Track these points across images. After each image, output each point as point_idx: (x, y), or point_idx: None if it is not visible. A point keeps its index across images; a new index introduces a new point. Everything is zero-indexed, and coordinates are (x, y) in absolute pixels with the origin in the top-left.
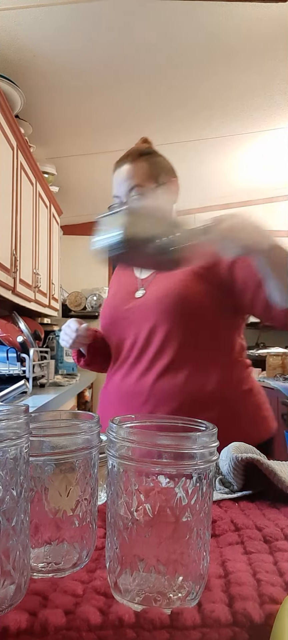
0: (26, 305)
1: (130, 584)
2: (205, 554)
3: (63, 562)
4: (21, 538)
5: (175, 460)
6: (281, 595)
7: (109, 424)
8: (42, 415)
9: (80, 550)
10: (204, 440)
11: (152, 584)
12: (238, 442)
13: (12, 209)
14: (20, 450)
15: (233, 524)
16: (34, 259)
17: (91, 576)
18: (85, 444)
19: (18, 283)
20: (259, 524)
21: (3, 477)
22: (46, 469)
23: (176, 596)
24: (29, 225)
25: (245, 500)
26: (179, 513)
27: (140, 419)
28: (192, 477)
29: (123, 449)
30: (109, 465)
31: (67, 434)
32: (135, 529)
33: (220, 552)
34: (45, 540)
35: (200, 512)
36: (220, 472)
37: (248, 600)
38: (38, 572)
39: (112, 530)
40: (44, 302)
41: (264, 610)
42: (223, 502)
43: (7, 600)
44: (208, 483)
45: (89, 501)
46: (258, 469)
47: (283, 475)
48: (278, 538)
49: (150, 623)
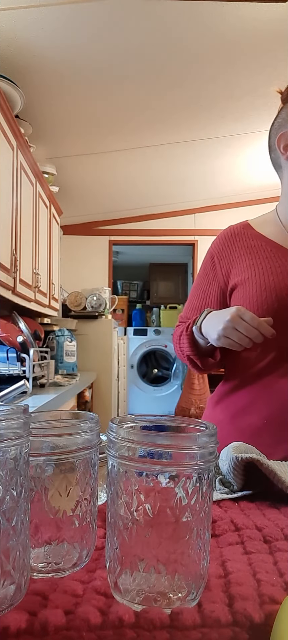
0: (26, 305)
1: (130, 584)
2: (205, 554)
3: (63, 562)
4: (21, 538)
5: (175, 460)
6: (281, 595)
7: (109, 424)
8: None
9: (80, 550)
10: (204, 440)
11: (152, 584)
12: (238, 442)
13: (12, 209)
14: (20, 450)
15: (233, 524)
16: (34, 259)
17: (91, 576)
18: (85, 444)
19: (18, 283)
20: (259, 524)
21: (3, 477)
22: (46, 469)
23: (176, 596)
24: (29, 225)
25: (245, 500)
26: (179, 513)
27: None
28: (192, 477)
29: (123, 449)
30: (109, 465)
31: (67, 434)
32: (135, 529)
33: (220, 552)
34: (45, 540)
35: (200, 512)
36: (220, 472)
37: (248, 600)
38: (38, 572)
39: (112, 530)
40: (44, 302)
41: (264, 610)
42: (223, 502)
43: (7, 600)
44: (208, 483)
45: (89, 501)
46: (258, 469)
47: (283, 475)
48: (278, 538)
49: (150, 623)
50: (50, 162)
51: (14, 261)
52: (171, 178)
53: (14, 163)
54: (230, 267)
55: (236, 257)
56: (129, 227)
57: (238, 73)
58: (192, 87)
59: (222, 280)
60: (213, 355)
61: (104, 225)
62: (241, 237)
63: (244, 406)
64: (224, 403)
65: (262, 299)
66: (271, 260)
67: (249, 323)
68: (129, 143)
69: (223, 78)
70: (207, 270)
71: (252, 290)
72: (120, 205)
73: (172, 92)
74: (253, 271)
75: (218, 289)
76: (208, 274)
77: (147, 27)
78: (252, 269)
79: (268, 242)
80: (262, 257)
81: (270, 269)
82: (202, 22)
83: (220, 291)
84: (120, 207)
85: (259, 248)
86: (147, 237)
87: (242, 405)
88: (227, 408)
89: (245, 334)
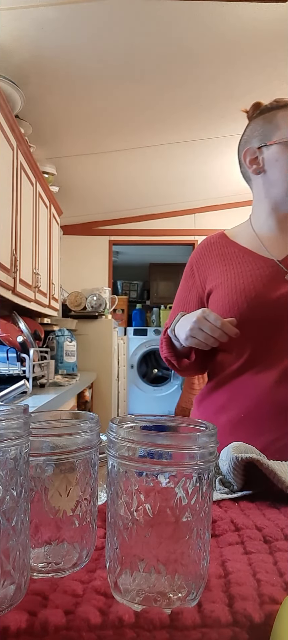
0: (26, 305)
1: (130, 584)
2: (205, 554)
3: (63, 562)
4: (21, 538)
5: (175, 460)
6: (281, 595)
7: (109, 424)
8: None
9: (80, 550)
10: (204, 440)
11: (152, 584)
12: (238, 442)
13: (12, 209)
14: (20, 450)
15: (233, 524)
16: (34, 259)
17: (91, 576)
18: (85, 444)
19: (18, 283)
20: (259, 524)
21: (3, 477)
22: (46, 469)
23: (176, 596)
24: (29, 225)
25: (245, 500)
26: (179, 513)
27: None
28: (192, 477)
29: (123, 449)
30: (109, 465)
31: (67, 434)
32: (135, 529)
33: (220, 552)
34: (45, 540)
35: (200, 512)
36: (220, 472)
37: (248, 600)
38: (38, 572)
39: (112, 530)
40: (44, 302)
41: (264, 610)
42: (223, 502)
43: (7, 600)
44: (208, 483)
45: (89, 501)
46: (258, 469)
47: (283, 475)
48: (278, 538)
49: (150, 623)
50: (50, 162)
51: (14, 261)
52: (171, 178)
53: (14, 163)
54: (207, 274)
55: (212, 264)
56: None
57: (238, 73)
58: (192, 87)
59: (200, 287)
60: (189, 357)
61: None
62: (216, 246)
63: (223, 404)
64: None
65: (233, 301)
66: (242, 266)
67: (213, 323)
68: (129, 143)
69: (223, 78)
70: (187, 278)
71: (224, 293)
72: (120, 205)
73: (172, 92)
74: (226, 276)
75: (197, 295)
76: (188, 282)
77: (147, 27)
78: (225, 274)
79: (241, 249)
80: (234, 263)
81: (241, 273)
82: (202, 22)
83: (199, 297)
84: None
85: (232, 255)
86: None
87: (221, 403)
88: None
89: (210, 333)
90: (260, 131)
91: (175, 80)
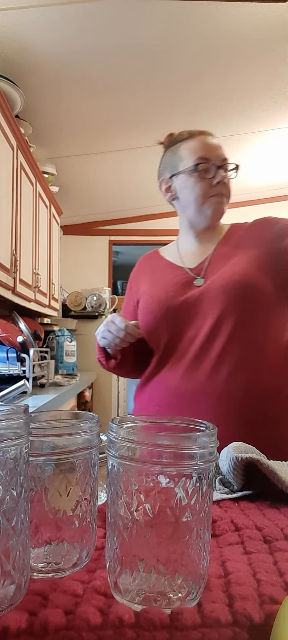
0: (26, 305)
1: (130, 584)
2: (205, 554)
3: (63, 562)
4: (21, 538)
5: (175, 460)
6: (281, 595)
7: (109, 424)
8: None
9: (80, 550)
10: (204, 440)
11: (152, 584)
12: (238, 442)
13: (12, 209)
14: (20, 450)
15: (233, 524)
16: (34, 259)
17: (91, 576)
18: (85, 444)
19: (18, 283)
20: (259, 524)
21: (3, 477)
22: (46, 469)
23: (176, 596)
24: (29, 225)
25: (245, 500)
26: (179, 513)
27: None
28: (192, 477)
29: (123, 449)
30: (109, 465)
31: (67, 434)
32: (135, 529)
33: (220, 552)
34: (45, 540)
35: (200, 512)
36: (220, 472)
37: (248, 600)
38: (38, 572)
39: (112, 530)
40: (44, 302)
41: (264, 610)
42: (223, 502)
43: (7, 600)
44: (208, 483)
45: (89, 501)
46: (258, 469)
47: (283, 475)
48: (278, 538)
49: (150, 623)
50: (50, 162)
51: (14, 261)
52: None
53: (14, 163)
54: (139, 286)
55: (143, 277)
56: (129, 227)
57: (238, 73)
58: (192, 87)
59: (135, 297)
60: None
61: (104, 225)
62: (148, 262)
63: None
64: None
65: (149, 307)
66: (163, 275)
67: (118, 326)
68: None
69: (223, 78)
70: (127, 290)
71: (145, 300)
72: (121, 205)
73: (172, 91)
74: (149, 285)
75: (132, 304)
76: (127, 294)
77: (147, 27)
78: (149, 283)
79: (165, 263)
80: (158, 273)
81: (159, 281)
82: (202, 22)
83: (133, 306)
84: (121, 207)
85: (158, 267)
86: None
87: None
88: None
89: (115, 334)
90: (169, 162)
91: (175, 80)
